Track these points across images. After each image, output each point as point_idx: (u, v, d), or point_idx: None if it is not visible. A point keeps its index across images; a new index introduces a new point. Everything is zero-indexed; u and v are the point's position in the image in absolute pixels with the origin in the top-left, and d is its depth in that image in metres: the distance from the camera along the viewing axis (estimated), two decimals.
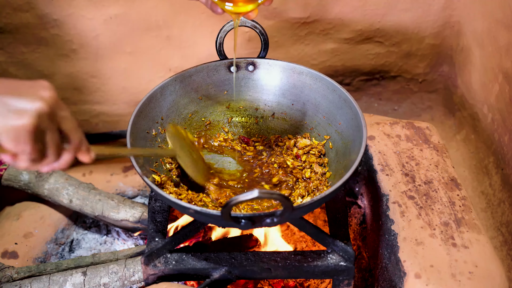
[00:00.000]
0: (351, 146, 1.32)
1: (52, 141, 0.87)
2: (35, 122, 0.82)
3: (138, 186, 1.86)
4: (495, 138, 1.73)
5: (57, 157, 0.89)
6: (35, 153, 0.85)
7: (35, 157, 0.85)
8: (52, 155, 0.88)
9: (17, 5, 1.67)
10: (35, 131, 0.83)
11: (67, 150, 0.91)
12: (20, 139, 0.82)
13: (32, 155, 0.85)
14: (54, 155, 0.88)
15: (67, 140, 0.90)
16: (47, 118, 0.85)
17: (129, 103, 1.94)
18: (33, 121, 0.82)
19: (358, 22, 1.88)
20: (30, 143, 0.83)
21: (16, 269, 1.46)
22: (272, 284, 1.52)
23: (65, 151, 0.90)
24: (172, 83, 1.43)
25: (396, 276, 1.29)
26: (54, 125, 0.87)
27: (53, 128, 0.86)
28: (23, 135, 0.82)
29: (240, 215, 1.10)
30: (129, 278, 1.42)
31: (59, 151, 0.89)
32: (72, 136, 0.90)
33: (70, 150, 0.91)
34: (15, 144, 0.82)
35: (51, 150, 0.87)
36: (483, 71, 1.79)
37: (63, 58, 1.81)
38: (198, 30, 1.81)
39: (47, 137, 0.86)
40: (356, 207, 1.71)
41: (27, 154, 0.84)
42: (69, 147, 0.91)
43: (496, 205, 1.71)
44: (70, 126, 0.89)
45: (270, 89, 1.52)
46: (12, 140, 0.82)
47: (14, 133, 0.81)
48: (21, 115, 0.81)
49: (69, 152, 0.91)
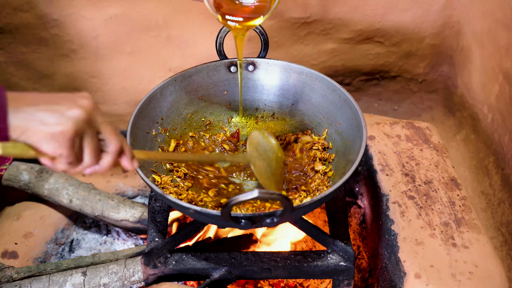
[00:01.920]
0: (351, 146, 1.32)
1: (90, 145, 0.92)
2: (73, 128, 0.88)
3: (138, 186, 1.86)
4: (495, 138, 1.73)
5: (95, 160, 0.94)
6: (72, 157, 0.90)
7: (72, 160, 0.90)
8: (90, 159, 0.93)
9: (17, 5, 1.67)
10: (73, 137, 0.88)
11: (106, 153, 0.96)
12: (59, 144, 0.87)
13: (69, 159, 0.90)
14: (91, 159, 0.93)
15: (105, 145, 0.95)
16: (85, 124, 0.90)
17: (129, 103, 1.94)
18: (71, 127, 0.87)
19: (358, 22, 1.89)
20: (68, 148, 0.88)
21: (16, 269, 1.46)
22: (272, 284, 1.52)
23: (105, 155, 0.96)
24: (172, 83, 1.43)
25: (396, 276, 1.29)
26: (92, 130, 0.92)
27: (91, 133, 0.91)
28: (62, 140, 0.87)
29: (240, 215, 1.10)
30: (129, 278, 1.42)
31: (97, 155, 0.94)
32: (111, 141, 0.95)
33: (110, 154, 0.96)
34: (54, 148, 0.87)
35: (88, 154, 0.92)
36: (483, 71, 1.79)
37: (63, 58, 1.81)
38: (198, 30, 1.81)
39: (85, 141, 0.91)
40: (356, 207, 1.71)
41: (64, 158, 0.89)
42: (109, 151, 0.95)
43: (496, 205, 1.71)
44: (109, 131, 0.95)
45: (270, 89, 1.52)
46: (52, 145, 0.87)
47: (54, 138, 0.86)
48: (61, 121, 0.87)
49: (108, 155, 0.96)
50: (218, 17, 1.23)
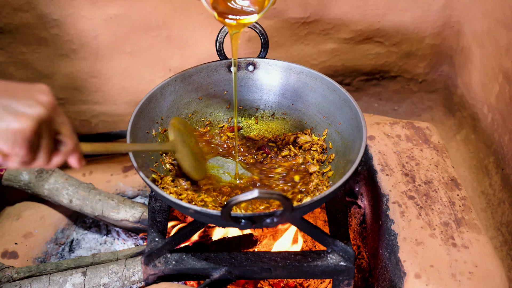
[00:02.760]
0: (351, 146, 1.32)
1: (46, 146, 0.88)
2: (33, 127, 0.83)
3: (138, 186, 1.86)
4: (495, 138, 1.73)
5: (48, 160, 0.90)
6: (28, 156, 0.86)
7: (27, 160, 0.87)
8: (44, 159, 0.89)
9: (17, 5, 1.67)
10: (32, 136, 0.84)
11: (59, 153, 0.92)
12: (17, 142, 0.83)
13: (25, 158, 0.86)
14: (45, 159, 0.89)
15: (61, 144, 0.92)
16: (45, 123, 0.86)
17: (129, 103, 1.94)
18: (31, 125, 0.83)
19: (358, 22, 1.88)
20: (26, 147, 0.84)
21: (16, 269, 1.46)
22: (272, 284, 1.52)
23: (56, 155, 0.92)
24: (172, 83, 1.43)
25: (396, 276, 1.29)
26: (51, 130, 0.88)
27: (49, 133, 0.88)
28: (20, 138, 0.83)
29: (240, 215, 1.10)
30: (129, 278, 1.42)
31: (51, 155, 0.90)
32: (67, 142, 0.92)
33: (61, 154, 0.92)
34: (11, 146, 0.83)
35: (43, 154, 0.89)
36: (483, 71, 1.79)
37: (63, 58, 1.81)
38: (198, 30, 1.81)
39: (43, 141, 0.87)
40: (356, 207, 1.71)
41: (20, 157, 0.85)
42: (62, 151, 0.92)
43: (496, 205, 1.71)
44: (67, 132, 0.91)
45: (270, 89, 1.52)
46: (9, 142, 0.82)
47: (11, 136, 0.82)
48: (20, 119, 0.82)
49: (59, 156, 0.92)
50: (214, 14, 1.23)
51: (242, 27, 1.27)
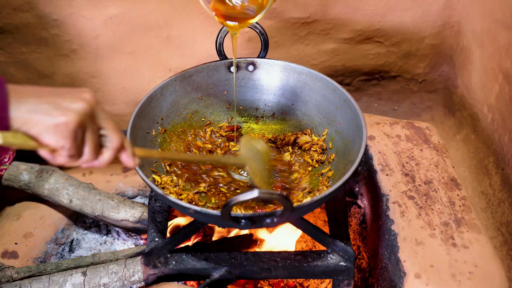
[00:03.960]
0: (351, 146, 1.32)
1: (91, 139, 0.92)
2: (77, 119, 0.88)
3: (138, 186, 1.86)
4: (495, 138, 1.73)
5: (95, 155, 0.94)
6: (74, 150, 0.90)
7: (74, 153, 0.90)
8: (90, 153, 0.93)
9: (17, 5, 1.67)
10: (77, 128, 0.88)
11: (107, 149, 0.96)
12: (62, 135, 0.87)
13: (71, 151, 0.90)
14: (92, 153, 0.93)
15: (107, 140, 0.95)
16: (88, 117, 0.90)
17: (129, 103, 1.94)
18: (75, 118, 0.88)
19: (358, 22, 1.89)
20: (70, 139, 0.88)
21: (16, 269, 1.46)
22: (272, 284, 1.52)
23: (105, 150, 0.95)
24: (172, 83, 1.43)
25: (396, 276, 1.29)
26: (95, 124, 0.92)
27: (93, 127, 0.92)
28: (65, 131, 0.87)
29: (240, 215, 1.10)
30: (129, 278, 1.42)
31: (97, 149, 0.94)
32: (112, 137, 0.95)
33: (109, 149, 0.96)
34: (57, 140, 0.87)
35: (89, 148, 0.92)
36: (483, 71, 1.79)
37: (63, 58, 1.81)
38: (198, 30, 1.81)
39: (87, 135, 0.91)
40: (356, 207, 1.71)
41: (66, 150, 0.89)
42: (109, 147, 0.95)
43: (496, 205, 1.71)
44: (111, 127, 0.95)
45: (270, 89, 1.52)
46: (55, 136, 0.87)
47: (57, 129, 0.87)
48: (65, 113, 0.87)
49: (107, 151, 0.96)
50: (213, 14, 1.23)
51: (243, 27, 1.27)
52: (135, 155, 1.02)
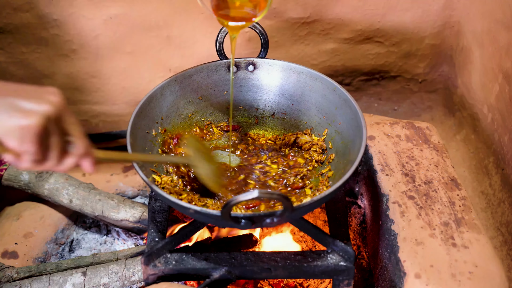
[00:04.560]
0: (351, 146, 1.32)
1: (56, 144, 0.88)
2: (42, 123, 0.84)
3: (138, 186, 1.86)
4: (495, 138, 1.73)
5: (59, 160, 0.91)
6: (39, 154, 0.86)
7: (38, 158, 0.87)
8: (55, 158, 0.90)
9: (17, 5, 1.67)
10: (41, 132, 0.84)
11: (70, 155, 0.92)
12: (26, 139, 0.84)
13: (35, 156, 0.86)
14: (56, 158, 0.90)
15: (72, 146, 0.92)
16: (54, 121, 0.87)
17: (129, 103, 1.94)
18: (40, 122, 0.84)
19: (358, 22, 1.88)
20: (35, 144, 0.85)
21: (16, 269, 1.46)
22: (272, 284, 1.52)
23: (68, 156, 0.92)
24: (172, 83, 1.43)
25: (396, 276, 1.29)
26: (60, 129, 0.89)
27: (58, 131, 0.88)
28: (29, 135, 0.84)
29: (240, 215, 1.10)
30: (129, 278, 1.42)
31: (62, 154, 0.91)
32: (77, 142, 0.92)
33: (74, 156, 0.93)
34: (20, 143, 0.84)
35: (54, 153, 0.89)
36: (483, 71, 1.79)
37: (63, 58, 1.81)
38: (198, 30, 1.81)
39: (52, 140, 0.88)
40: (356, 207, 1.71)
41: (30, 155, 0.86)
42: (73, 152, 0.92)
43: (496, 205, 1.71)
44: (76, 132, 0.92)
45: (270, 89, 1.52)
46: (18, 139, 0.83)
47: (20, 132, 0.83)
48: (29, 115, 0.84)
49: (72, 157, 0.93)
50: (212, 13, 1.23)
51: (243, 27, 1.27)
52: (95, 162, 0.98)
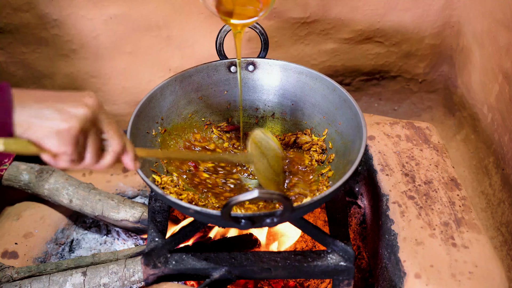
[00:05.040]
0: (351, 146, 1.32)
1: (93, 144, 0.93)
2: (79, 125, 0.88)
3: (138, 186, 1.86)
4: (495, 138, 1.73)
5: (96, 159, 0.95)
6: (76, 155, 0.91)
7: (75, 158, 0.91)
8: (92, 158, 0.94)
9: (17, 5, 1.67)
10: (78, 134, 0.89)
11: (108, 153, 0.96)
12: (64, 141, 0.88)
13: (73, 156, 0.90)
14: (93, 157, 0.94)
15: (109, 144, 0.96)
16: (90, 123, 0.91)
17: (129, 103, 1.94)
18: (77, 124, 0.88)
19: (358, 22, 1.88)
20: (72, 146, 0.89)
21: (16, 269, 1.46)
22: (272, 284, 1.52)
23: (106, 154, 0.96)
24: (172, 83, 1.43)
25: (396, 276, 1.29)
26: (97, 129, 0.93)
27: (95, 132, 0.92)
28: (67, 137, 0.88)
29: (240, 215, 1.10)
30: (129, 278, 1.42)
31: (99, 154, 0.95)
32: (114, 141, 0.96)
33: (111, 154, 0.96)
34: (58, 145, 0.88)
35: (91, 153, 0.93)
36: (483, 71, 1.79)
37: (63, 58, 1.81)
38: (198, 30, 1.81)
39: (89, 140, 0.92)
40: (356, 207, 1.71)
41: (68, 155, 0.90)
42: (111, 150, 0.96)
43: (496, 205, 1.71)
44: (113, 131, 0.95)
45: (270, 89, 1.52)
46: (56, 142, 0.87)
47: (58, 135, 0.87)
48: (67, 118, 0.88)
49: (109, 155, 0.97)
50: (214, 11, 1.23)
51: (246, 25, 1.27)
52: (137, 157, 1.02)
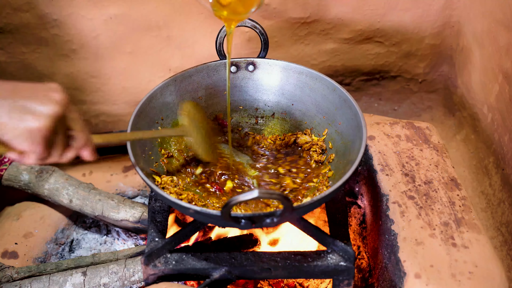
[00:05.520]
0: (351, 146, 1.32)
1: (61, 142, 0.92)
2: (50, 125, 0.88)
3: (138, 186, 1.86)
4: (495, 138, 1.73)
5: (61, 155, 0.95)
6: (45, 153, 0.90)
7: (44, 156, 0.91)
8: (57, 155, 0.94)
9: (17, 5, 1.67)
10: (49, 134, 0.88)
11: (71, 148, 0.96)
12: (34, 140, 0.87)
13: (41, 155, 0.90)
14: (59, 154, 0.94)
15: (73, 140, 0.96)
16: (60, 121, 0.90)
17: (129, 103, 1.94)
18: (47, 124, 0.87)
19: (358, 22, 1.88)
20: (42, 144, 0.88)
21: (16, 269, 1.46)
22: (272, 284, 1.52)
23: (69, 149, 0.96)
24: (172, 83, 1.43)
25: (396, 276, 1.29)
26: (64, 127, 0.93)
27: (63, 130, 0.92)
28: (37, 136, 0.87)
29: (240, 215, 1.10)
30: (129, 278, 1.42)
31: (64, 150, 0.95)
32: (79, 137, 0.96)
33: (75, 149, 0.97)
34: (28, 144, 0.87)
35: (57, 150, 0.93)
36: (483, 71, 1.79)
37: (63, 58, 1.81)
38: (198, 30, 1.81)
39: (57, 138, 0.92)
40: (356, 207, 1.71)
41: (36, 154, 0.90)
42: (74, 146, 0.96)
43: (496, 205, 1.71)
44: (79, 127, 0.95)
45: (270, 89, 1.52)
46: (26, 141, 0.87)
47: (29, 134, 0.86)
48: (37, 118, 0.87)
49: (73, 151, 0.97)
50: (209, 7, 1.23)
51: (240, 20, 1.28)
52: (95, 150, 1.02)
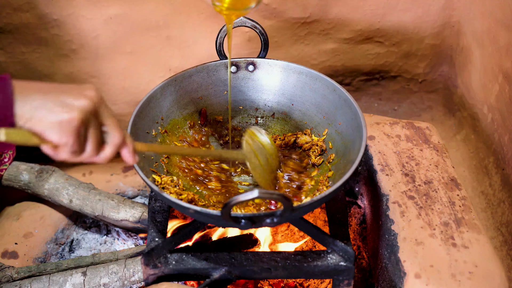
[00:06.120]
0: (351, 146, 1.32)
1: (94, 136, 0.93)
2: (81, 117, 0.89)
3: (138, 186, 1.86)
4: (495, 138, 1.73)
5: (96, 151, 0.96)
6: (77, 146, 0.91)
7: (76, 149, 0.92)
8: (92, 150, 0.94)
9: (17, 5, 1.67)
10: (80, 126, 0.90)
11: (108, 145, 0.97)
12: (65, 132, 0.89)
13: (73, 148, 0.91)
14: (94, 149, 0.95)
15: (108, 137, 0.97)
16: (91, 115, 0.92)
17: (129, 103, 1.94)
18: (78, 116, 0.89)
19: (358, 22, 1.89)
20: (74, 136, 0.89)
21: (16, 269, 1.46)
22: (272, 284, 1.52)
23: (106, 147, 0.97)
24: (172, 83, 1.43)
25: (396, 276, 1.29)
26: (97, 121, 0.94)
27: (95, 124, 0.93)
28: (68, 128, 0.88)
29: (240, 215, 1.10)
30: (129, 278, 1.42)
31: (99, 146, 0.96)
32: (113, 133, 0.97)
33: (111, 146, 0.97)
34: (60, 136, 0.89)
35: (91, 144, 0.94)
36: (483, 71, 1.79)
37: (63, 58, 1.81)
38: (198, 30, 1.81)
39: (90, 132, 0.93)
40: (356, 207, 1.71)
41: (69, 147, 0.90)
42: (110, 143, 0.97)
43: (496, 205, 1.71)
44: (113, 123, 0.97)
45: (270, 89, 1.52)
46: (58, 133, 0.88)
47: (60, 126, 0.88)
48: (68, 110, 0.89)
49: (109, 148, 0.97)
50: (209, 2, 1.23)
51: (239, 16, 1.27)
52: (136, 151, 1.03)
